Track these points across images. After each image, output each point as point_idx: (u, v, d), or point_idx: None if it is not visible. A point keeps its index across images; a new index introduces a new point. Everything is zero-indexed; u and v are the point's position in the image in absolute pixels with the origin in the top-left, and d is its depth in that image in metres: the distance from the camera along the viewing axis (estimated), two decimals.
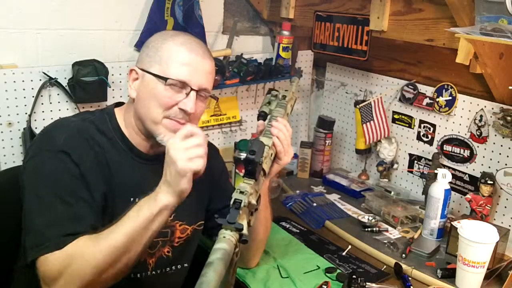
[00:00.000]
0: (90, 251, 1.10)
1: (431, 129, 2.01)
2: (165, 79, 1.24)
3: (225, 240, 0.98)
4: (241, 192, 1.06)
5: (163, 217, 1.14)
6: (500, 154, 1.78)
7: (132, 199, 1.29)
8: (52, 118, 1.84)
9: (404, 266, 1.57)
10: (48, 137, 1.25)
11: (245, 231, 1.02)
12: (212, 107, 2.24)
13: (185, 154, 1.11)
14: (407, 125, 2.11)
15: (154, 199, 1.13)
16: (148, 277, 1.36)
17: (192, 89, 1.26)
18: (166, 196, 1.12)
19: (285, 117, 1.38)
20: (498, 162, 1.79)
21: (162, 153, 1.34)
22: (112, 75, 1.91)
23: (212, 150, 1.56)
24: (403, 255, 1.65)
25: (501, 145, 1.78)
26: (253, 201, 1.08)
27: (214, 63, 1.35)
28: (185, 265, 1.45)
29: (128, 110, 1.34)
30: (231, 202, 1.04)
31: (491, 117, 1.79)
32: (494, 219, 1.80)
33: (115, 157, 1.29)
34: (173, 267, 1.42)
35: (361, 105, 2.09)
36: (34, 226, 1.15)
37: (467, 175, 1.90)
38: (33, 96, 1.80)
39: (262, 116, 1.38)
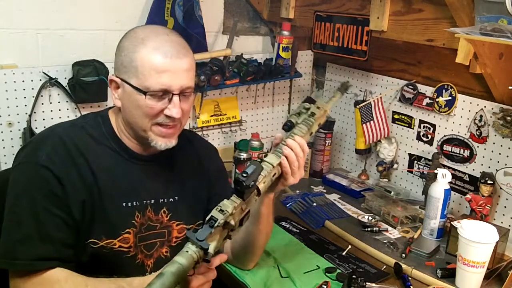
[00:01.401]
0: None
1: (431, 129, 2.01)
2: (144, 92, 1.21)
3: (186, 256, 0.98)
4: (221, 211, 1.04)
5: None
6: (500, 154, 1.78)
7: (124, 204, 1.28)
8: (52, 118, 1.85)
9: (404, 266, 1.57)
10: (33, 149, 1.26)
11: (211, 250, 1.01)
12: (212, 107, 2.25)
13: None
14: (407, 125, 2.12)
15: None
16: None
17: (173, 94, 1.23)
18: None
19: (307, 136, 1.34)
20: (498, 162, 1.79)
21: (157, 153, 1.35)
22: (112, 75, 1.91)
23: (210, 151, 1.56)
24: (403, 255, 1.65)
25: (501, 145, 1.78)
26: (232, 222, 1.06)
27: (192, 55, 1.29)
28: None
29: (118, 116, 1.33)
30: (207, 219, 1.04)
31: (491, 117, 1.79)
32: (494, 219, 1.80)
33: (106, 162, 1.29)
34: None
35: (361, 105, 2.09)
36: (6, 237, 1.19)
37: (467, 175, 1.90)
38: (33, 96, 1.80)
39: (287, 125, 1.34)
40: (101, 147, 1.30)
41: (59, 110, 1.87)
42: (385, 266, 1.61)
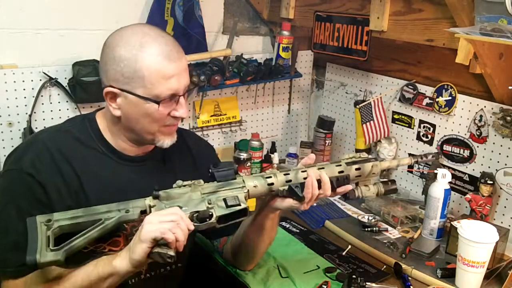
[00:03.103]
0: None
1: (431, 129, 2.01)
2: (157, 102, 1.21)
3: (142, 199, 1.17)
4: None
5: (114, 280, 1.15)
6: (500, 154, 1.78)
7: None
8: (52, 118, 1.85)
9: (404, 266, 1.57)
10: (18, 156, 1.26)
11: (161, 192, 1.17)
12: (212, 107, 2.25)
13: (155, 225, 1.10)
14: (407, 125, 2.12)
15: (110, 261, 1.14)
16: (142, 280, 1.36)
17: (179, 96, 1.25)
18: (122, 262, 1.13)
19: (330, 168, 1.31)
20: (498, 162, 1.79)
21: (149, 154, 1.34)
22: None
23: (206, 150, 1.56)
24: (403, 255, 1.65)
25: (501, 145, 1.78)
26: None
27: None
28: (179, 265, 1.45)
29: (113, 123, 1.31)
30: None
31: (490, 117, 1.79)
32: (494, 219, 1.80)
33: (93, 165, 1.28)
34: (168, 267, 1.41)
35: (361, 105, 2.09)
36: None
37: (467, 175, 1.90)
38: (33, 96, 1.80)
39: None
40: (89, 150, 1.29)
41: (59, 110, 1.87)
42: (385, 266, 1.61)
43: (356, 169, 1.33)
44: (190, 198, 1.19)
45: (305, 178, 1.27)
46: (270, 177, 1.27)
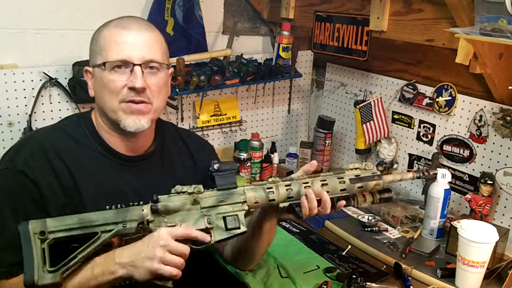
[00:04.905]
0: None
1: (431, 129, 2.01)
2: (103, 63, 1.23)
3: (138, 207, 1.15)
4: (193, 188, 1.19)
5: (112, 283, 1.16)
6: (499, 154, 1.79)
7: (108, 207, 1.21)
8: (52, 118, 1.85)
9: (403, 266, 1.57)
10: (12, 155, 1.26)
11: (161, 201, 1.15)
12: (212, 107, 2.25)
13: (164, 255, 1.10)
14: (406, 125, 2.12)
15: (108, 267, 1.13)
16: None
17: (134, 65, 1.22)
18: (123, 271, 1.13)
19: (332, 179, 1.26)
20: (498, 162, 1.79)
21: (146, 153, 1.33)
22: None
23: (205, 149, 1.55)
24: (403, 255, 1.65)
25: (501, 145, 1.78)
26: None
27: (160, 34, 1.30)
28: None
29: (96, 110, 1.33)
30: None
31: (490, 117, 1.79)
32: (494, 219, 1.80)
33: (88, 165, 1.27)
34: None
35: (361, 105, 2.09)
36: None
37: (466, 175, 1.90)
38: (33, 96, 1.80)
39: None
40: (84, 149, 1.29)
41: (59, 110, 1.87)
42: (385, 266, 1.61)
43: (359, 187, 1.28)
44: (189, 212, 1.17)
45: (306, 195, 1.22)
46: (272, 191, 1.22)
